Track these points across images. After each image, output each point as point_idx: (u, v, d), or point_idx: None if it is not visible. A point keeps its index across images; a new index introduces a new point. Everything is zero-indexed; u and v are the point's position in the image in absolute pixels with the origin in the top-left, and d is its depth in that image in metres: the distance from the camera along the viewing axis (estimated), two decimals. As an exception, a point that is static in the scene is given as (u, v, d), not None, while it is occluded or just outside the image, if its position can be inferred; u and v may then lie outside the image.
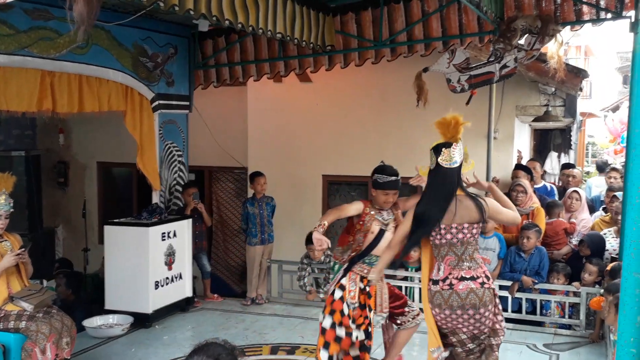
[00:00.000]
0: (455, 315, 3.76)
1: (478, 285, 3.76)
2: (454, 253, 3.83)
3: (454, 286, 3.75)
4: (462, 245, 3.82)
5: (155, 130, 6.87)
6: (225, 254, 9.66)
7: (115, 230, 6.44)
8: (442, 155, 3.89)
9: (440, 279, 3.82)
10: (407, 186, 4.63)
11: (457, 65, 6.22)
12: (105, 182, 10.00)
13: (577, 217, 6.86)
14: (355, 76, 7.85)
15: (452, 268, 3.80)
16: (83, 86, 5.85)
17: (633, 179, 1.66)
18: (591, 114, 18.55)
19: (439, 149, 3.91)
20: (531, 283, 6.11)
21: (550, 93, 7.88)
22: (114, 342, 5.91)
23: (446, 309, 3.77)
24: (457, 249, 3.82)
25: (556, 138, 10.10)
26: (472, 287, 3.74)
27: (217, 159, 9.09)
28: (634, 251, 1.66)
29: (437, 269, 3.87)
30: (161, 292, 6.45)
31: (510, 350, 5.62)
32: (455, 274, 3.78)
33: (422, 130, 8.02)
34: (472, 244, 3.86)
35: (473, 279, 3.77)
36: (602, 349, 5.47)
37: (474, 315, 3.74)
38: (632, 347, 1.67)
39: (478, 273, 3.80)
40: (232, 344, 2.44)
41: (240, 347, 5.68)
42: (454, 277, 3.77)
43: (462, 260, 3.81)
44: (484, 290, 3.76)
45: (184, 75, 7.28)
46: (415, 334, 4.72)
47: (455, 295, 3.74)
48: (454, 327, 3.82)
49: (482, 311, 3.75)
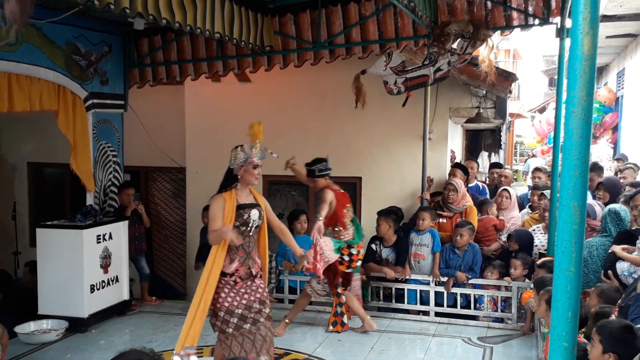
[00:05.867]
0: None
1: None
2: None
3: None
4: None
5: (89, 130, 6.69)
6: (166, 255, 9.52)
7: (48, 233, 6.24)
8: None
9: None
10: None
11: (393, 68, 6.37)
12: (36, 183, 9.67)
13: (507, 215, 7.13)
14: (294, 77, 7.89)
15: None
16: (13, 85, 5.63)
17: (564, 182, 1.76)
18: (519, 114, 19.26)
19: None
20: (465, 278, 6.33)
21: (481, 95, 8.16)
22: (48, 348, 5.73)
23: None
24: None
25: (487, 138, 10.48)
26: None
27: (153, 159, 8.93)
28: (565, 250, 1.77)
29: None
30: (97, 295, 6.30)
31: (446, 344, 5.80)
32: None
33: (360, 131, 8.18)
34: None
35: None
36: (533, 341, 5.71)
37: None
38: (564, 340, 1.77)
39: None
40: (156, 353, 2.42)
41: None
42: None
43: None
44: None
45: (118, 73, 7.12)
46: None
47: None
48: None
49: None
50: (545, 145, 16.82)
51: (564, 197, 1.77)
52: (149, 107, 8.37)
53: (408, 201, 7.99)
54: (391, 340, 5.89)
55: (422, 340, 5.91)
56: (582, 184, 1.76)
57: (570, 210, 1.75)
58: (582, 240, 1.78)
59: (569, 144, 1.77)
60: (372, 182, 8.32)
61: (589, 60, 1.74)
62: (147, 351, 2.37)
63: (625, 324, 3.22)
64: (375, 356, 5.48)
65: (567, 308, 1.77)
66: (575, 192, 1.76)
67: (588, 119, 1.76)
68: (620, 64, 12.25)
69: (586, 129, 1.75)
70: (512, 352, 5.55)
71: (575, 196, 1.76)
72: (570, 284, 1.76)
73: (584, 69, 1.74)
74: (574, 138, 1.75)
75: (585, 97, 1.75)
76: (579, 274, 1.78)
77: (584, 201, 1.78)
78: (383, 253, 6.72)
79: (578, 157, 1.75)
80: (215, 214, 4.41)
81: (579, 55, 1.74)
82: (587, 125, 1.76)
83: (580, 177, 1.75)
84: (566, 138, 1.78)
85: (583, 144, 1.75)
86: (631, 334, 3.11)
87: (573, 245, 1.75)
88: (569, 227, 1.76)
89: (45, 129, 8.21)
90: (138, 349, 2.37)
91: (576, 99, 1.75)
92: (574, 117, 1.75)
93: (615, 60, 12.93)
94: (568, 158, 1.77)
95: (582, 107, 1.75)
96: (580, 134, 1.75)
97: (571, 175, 1.76)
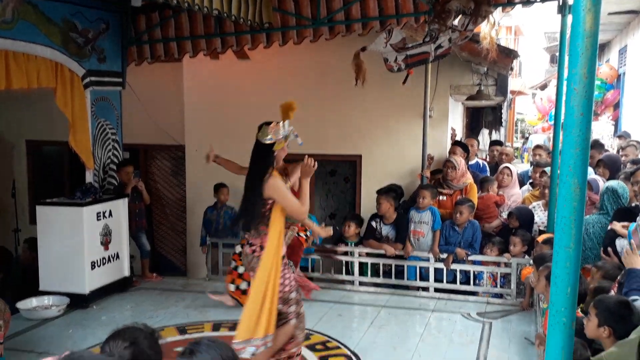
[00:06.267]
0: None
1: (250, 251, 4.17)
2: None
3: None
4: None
5: (88, 108, 6.67)
6: (166, 232, 9.55)
7: (48, 210, 6.26)
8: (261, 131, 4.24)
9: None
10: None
11: (394, 45, 6.32)
12: (35, 161, 9.66)
13: (507, 192, 7.14)
14: (293, 55, 7.83)
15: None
16: (10, 62, 5.61)
17: (565, 159, 1.76)
18: (520, 91, 19.19)
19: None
20: (465, 255, 6.36)
21: (482, 73, 8.11)
22: (50, 323, 5.78)
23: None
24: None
25: (487, 116, 10.44)
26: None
27: (152, 136, 8.92)
28: (565, 227, 1.77)
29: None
30: (98, 272, 6.34)
31: (445, 319, 5.85)
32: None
33: (360, 109, 8.15)
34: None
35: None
36: (531, 316, 5.76)
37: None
38: (563, 316, 1.79)
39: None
40: (151, 327, 2.42)
41: (182, 325, 5.68)
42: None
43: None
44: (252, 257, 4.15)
45: (116, 51, 7.07)
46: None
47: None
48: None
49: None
50: (546, 122, 16.79)
51: (565, 174, 1.77)
52: (147, 85, 8.32)
53: (408, 179, 7.99)
54: (391, 315, 5.94)
55: (422, 316, 5.95)
56: (583, 162, 1.76)
57: (571, 187, 1.75)
58: (582, 217, 1.78)
59: (570, 121, 1.76)
60: (372, 160, 8.31)
61: (591, 37, 1.72)
62: (142, 327, 2.38)
63: (623, 299, 3.24)
64: (375, 331, 5.53)
65: (567, 284, 1.78)
66: (576, 170, 1.76)
67: (589, 97, 1.75)
68: (623, 40, 12.17)
69: (587, 107, 1.75)
70: (511, 327, 5.60)
71: (576, 173, 1.76)
72: (570, 261, 1.77)
73: (585, 45, 1.72)
74: (575, 115, 1.74)
75: (586, 75, 1.73)
76: (579, 250, 1.79)
77: (585, 178, 1.78)
78: (383, 230, 6.74)
79: (579, 134, 1.75)
80: (285, 193, 4.18)
81: (580, 32, 1.73)
82: (588, 102, 1.75)
83: (580, 154, 1.75)
84: (567, 115, 1.78)
85: (584, 122, 1.75)
86: (628, 309, 3.13)
87: (573, 222, 1.76)
88: (569, 204, 1.76)
89: (43, 107, 8.17)
90: (132, 325, 2.38)
91: (578, 76, 1.74)
92: (576, 94, 1.74)
93: (618, 37, 12.85)
94: (569, 135, 1.77)
95: (584, 84, 1.74)
96: (582, 112, 1.74)
97: (572, 152, 1.75)
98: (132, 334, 2.30)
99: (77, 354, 1.51)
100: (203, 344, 2.04)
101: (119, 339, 2.26)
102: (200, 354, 1.99)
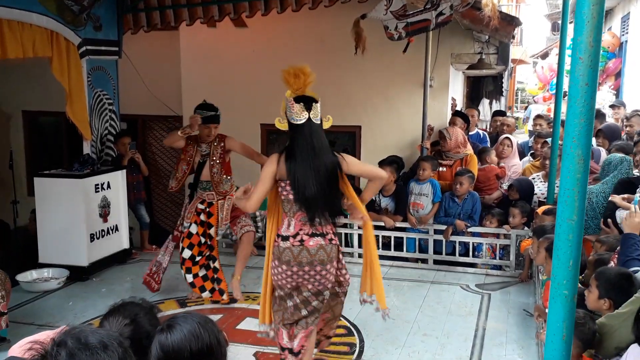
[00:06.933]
0: (302, 272, 3.70)
1: (327, 241, 3.73)
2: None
3: (304, 242, 3.68)
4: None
5: (84, 77, 6.59)
6: (165, 203, 9.54)
7: (46, 182, 6.24)
8: (313, 110, 3.99)
9: (291, 234, 3.70)
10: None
11: (394, 12, 6.21)
12: (32, 132, 9.60)
13: (507, 163, 7.10)
14: (292, 22, 7.72)
15: (302, 224, 3.72)
16: (5, 31, 5.50)
17: (569, 130, 1.72)
18: (521, 60, 18.96)
19: (309, 102, 3.98)
20: (464, 226, 6.34)
21: (484, 41, 8.00)
22: (50, 295, 5.80)
23: (294, 266, 3.68)
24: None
25: (488, 85, 10.33)
26: (322, 243, 3.71)
27: (150, 107, 8.83)
28: (568, 199, 1.74)
29: (287, 225, 3.75)
30: (97, 244, 6.34)
31: (444, 291, 5.86)
32: (306, 230, 3.70)
33: (360, 78, 8.06)
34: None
35: (323, 235, 3.73)
36: (530, 288, 5.77)
37: (320, 272, 3.72)
38: (565, 288, 1.77)
39: (327, 230, 3.77)
40: (150, 303, 2.42)
41: (182, 298, 5.69)
42: (305, 233, 3.69)
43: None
44: (331, 247, 3.74)
45: (112, 19, 6.96)
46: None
47: (305, 251, 3.67)
48: (299, 284, 3.75)
49: (328, 267, 3.75)
50: (547, 92, 16.66)
51: (568, 145, 1.73)
52: (144, 54, 8.21)
53: (408, 150, 7.94)
54: (390, 287, 5.94)
55: (421, 287, 5.97)
56: (587, 133, 1.72)
57: (574, 158, 1.71)
58: (585, 189, 1.74)
59: (574, 91, 1.71)
60: (371, 131, 8.25)
61: (597, 5, 1.66)
62: (141, 302, 2.38)
63: (624, 271, 3.23)
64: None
65: (569, 257, 1.75)
66: (580, 141, 1.71)
67: (595, 66, 1.69)
68: (625, 7, 11.98)
69: (592, 76, 1.69)
70: (510, 298, 5.61)
71: (580, 144, 1.71)
72: (572, 233, 1.74)
73: (592, 13, 1.66)
74: (580, 85, 1.69)
75: (592, 43, 1.68)
76: (581, 222, 1.75)
77: (588, 150, 1.74)
78: (382, 202, 6.71)
79: (584, 104, 1.70)
80: (357, 161, 4.15)
81: (586, 0, 1.67)
82: (593, 72, 1.69)
83: (585, 125, 1.70)
84: (571, 85, 1.72)
85: (589, 92, 1.69)
86: (629, 281, 3.12)
87: (576, 194, 1.72)
88: (572, 175, 1.72)
89: (39, 76, 8.07)
90: (131, 300, 2.37)
91: (583, 45, 1.68)
92: (581, 63, 1.69)
93: (620, 4, 12.65)
94: (573, 106, 1.72)
95: (589, 53, 1.68)
96: (587, 81, 1.69)
97: (576, 123, 1.70)
98: (132, 310, 2.29)
99: (77, 328, 1.50)
100: (179, 317, 2.06)
101: (119, 316, 2.25)
102: (179, 326, 2.00)
